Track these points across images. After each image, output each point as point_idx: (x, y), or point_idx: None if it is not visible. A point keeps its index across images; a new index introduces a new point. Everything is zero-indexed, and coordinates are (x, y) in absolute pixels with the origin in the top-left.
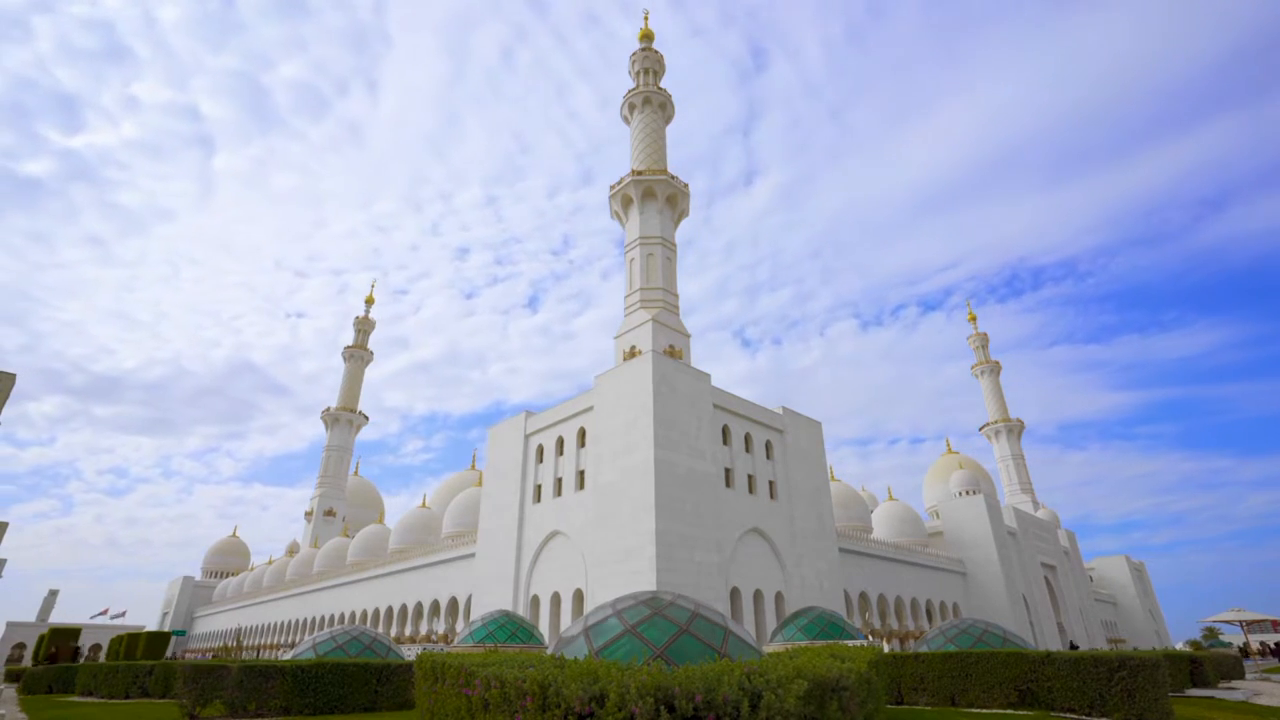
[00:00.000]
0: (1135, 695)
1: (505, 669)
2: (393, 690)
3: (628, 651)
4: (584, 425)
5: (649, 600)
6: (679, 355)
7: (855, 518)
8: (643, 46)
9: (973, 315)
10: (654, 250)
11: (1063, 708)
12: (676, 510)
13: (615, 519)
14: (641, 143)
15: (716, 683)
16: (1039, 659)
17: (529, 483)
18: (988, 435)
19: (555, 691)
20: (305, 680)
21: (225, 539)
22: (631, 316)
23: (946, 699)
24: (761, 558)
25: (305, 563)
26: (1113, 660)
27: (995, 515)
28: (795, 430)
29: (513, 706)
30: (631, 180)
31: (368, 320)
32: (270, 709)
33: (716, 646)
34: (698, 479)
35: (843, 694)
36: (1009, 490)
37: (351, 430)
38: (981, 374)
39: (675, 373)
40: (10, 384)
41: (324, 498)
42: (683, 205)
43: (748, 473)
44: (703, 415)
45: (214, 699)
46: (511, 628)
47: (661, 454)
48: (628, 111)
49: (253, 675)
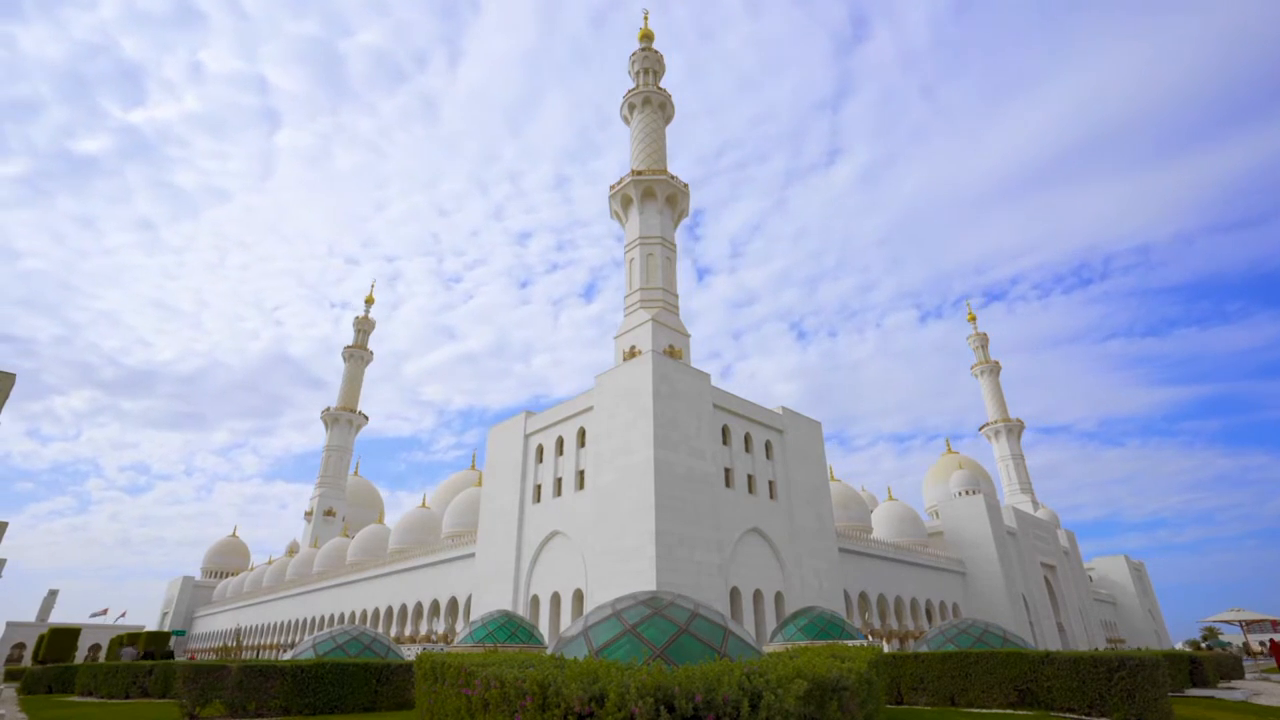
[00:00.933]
0: (1135, 695)
1: (505, 669)
2: (392, 690)
3: (628, 651)
4: (584, 425)
5: (649, 600)
6: (679, 355)
7: (855, 518)
8: (642, 47)
9: (972, 315)
10: (654, 250)
11: (1062, 708)
12: (676, 510)
13: (615, 519)
14: (641, 143)
15: (716, 683)
16: (1039, 659)
17: (529, 483)
18: (987, 435)
19: (555, 691)
20: (305, 680)
21: (225, 539)
22: (631, 316)
23: (946, 699)
24: (761, 558)
25: (305, 563)
26: (1112, 660)
27: (995, 515)
28: (795, 430)
29: (512, 706)
30: (631, 180)
31: (367, 320)
32: (270, 709)
33: (716, 646)
34: (697, 479)
35: (843, 694)
36: (1009, 490)
37: (351, 430)
38: (981, 374)
39: (675, 373)
40: (10, 384)
41: (324, 498)
42: (682, 205)
43: (747, 473)
44: (702, 415)
45: (214, 699)
46: (511, 628)
47: (661, 454)
48: (627, 111)
49: (252, 675)
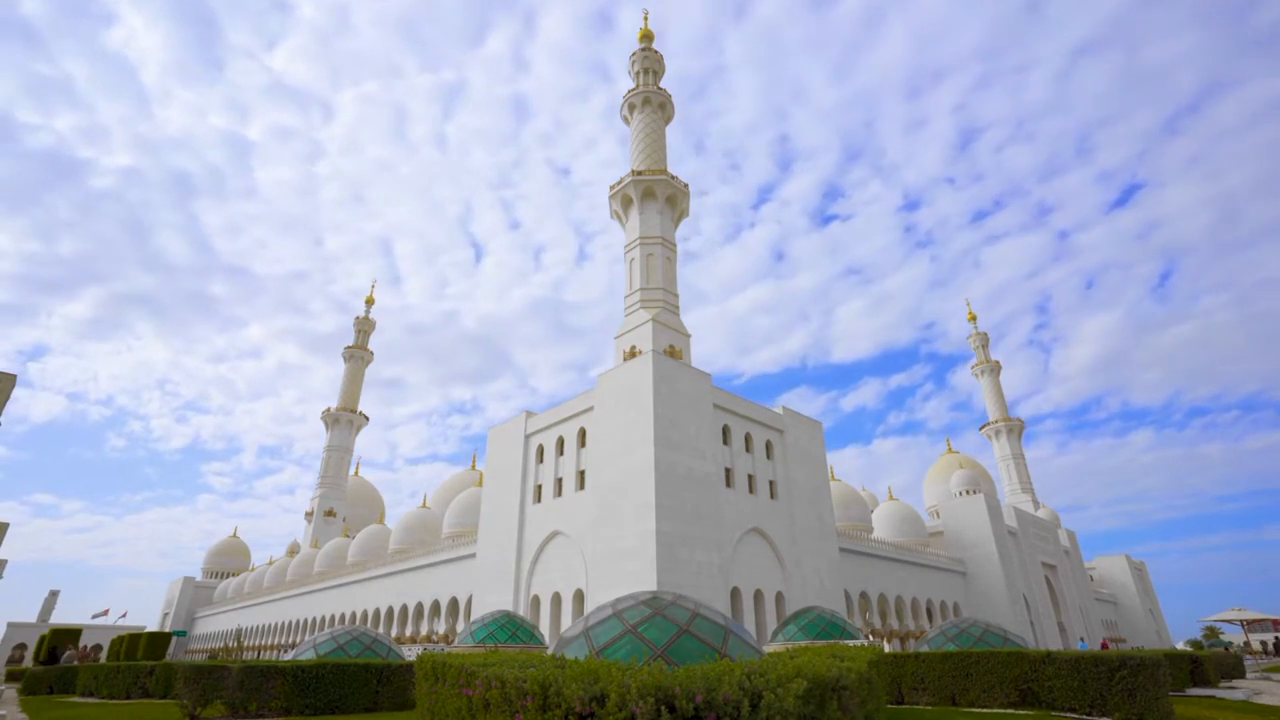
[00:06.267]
0: (1136, 695)
1: (506, 669)
2: (393, 690)
3: (628, 652)
4: (584, 425)
5: (649, 600)
6: (679, 355)
7: (855, 517)
8: (642, 47)
9: (972, 315)
10: (654, 250)
11: (1063, 707)
12: (677, 510)
13: (615, 519)
14: (641, 143)
15: (717, 683)
16: (1039, 659)
17: (529, 483)
18: (988, 435)
19: (556, 692)
20: (306, 681)
21: (226, 539)
22: (631, 316)
23: (947, 699)
24: (762, 557)
25: (305, 563)
26: (1113, 660)
27: (995, 515)
28: (795, 430)
29: (513, 707)
30: (631, 180)
31: (368, 320)
32: (271, 709)
33: (717, 646)
34: (698, 479)
35: (843, 694)
36: (1009, 490)
37: (352, 430)
38: (981, 374)
39: (675, 373)
40: (11, 385)
41: (324, 498)
42: (683, 205)
43: (748, 472)
44: (703, 415)
45: (214, 699)
46: (512, 628)
47: (662, 454)
48: (627, 112)
49: (253, 676)
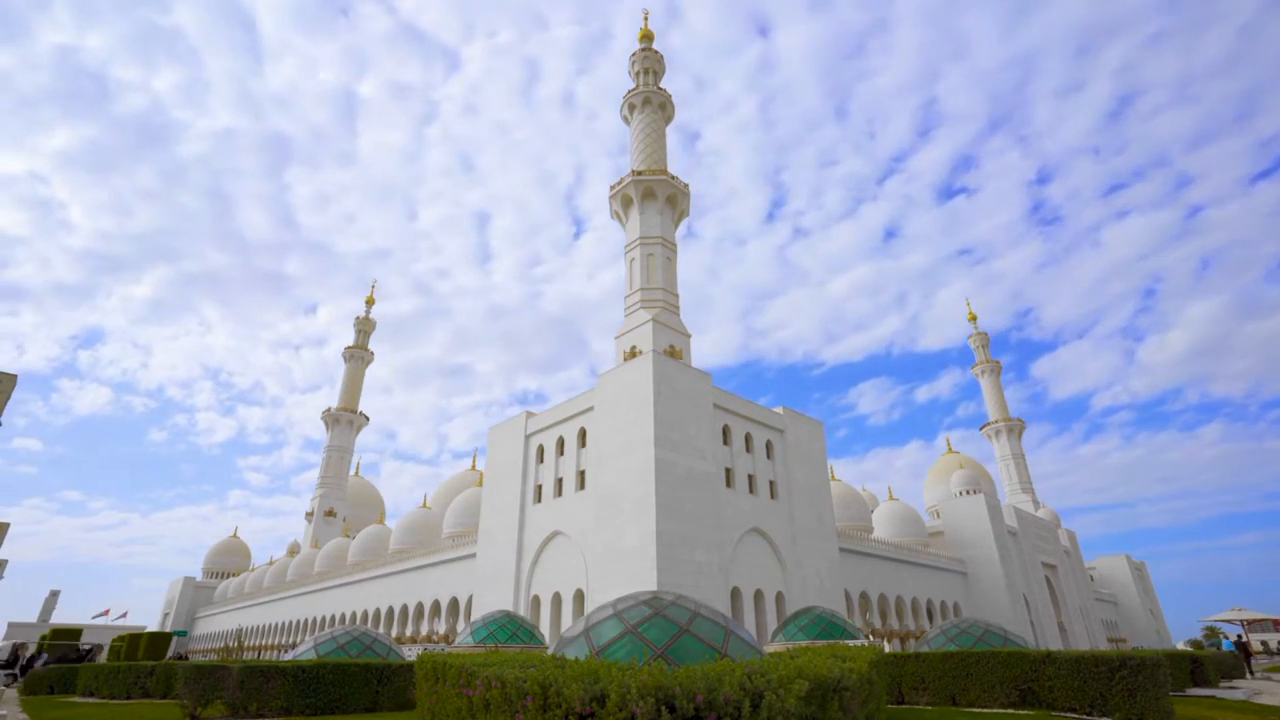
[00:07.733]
0: (1136, 695)
1: (506, 669)
2: (394, 690)
3: (629, 652)
4: (584, 425)
5: (649, 600)
6: (679, 355)
7: (855, 517)
8: (643, 47)
9: (973, 315)
10: (654, 250)
11: (1064, 707)
12: (677, 510)
13: (616, 519)
14: (642, 143)
15: (717, 683)
16: (1040, 659)
17: (529, 483)
18: (988, 435)
19: (556, 692)
20: (306, 681)
21: (226, 539)
22: (631, 317)
23: (947, 699)
24: (762, 558)
25: (306, 563)
26: (1114, 660)
27: (996, 515)
28: (795, 430)
29: (514, 707)
30: (632, 180)
31: (368, 320)
32: (271, 709)
33: (717, 646)
34: (698, 479)
35: (844, 694)
36: (1009, 490)
37: (352, 430)
38: (982, 374)
39: (676, 373)
40: (12, 385)
41: (324, 498)
42: (683, 205)
43: (748, 473)
44: (703, 415)
45: (215, 699)
46: (512, 628)
47: (662, 454)
48: (628, 112)
49: (254, 675)
